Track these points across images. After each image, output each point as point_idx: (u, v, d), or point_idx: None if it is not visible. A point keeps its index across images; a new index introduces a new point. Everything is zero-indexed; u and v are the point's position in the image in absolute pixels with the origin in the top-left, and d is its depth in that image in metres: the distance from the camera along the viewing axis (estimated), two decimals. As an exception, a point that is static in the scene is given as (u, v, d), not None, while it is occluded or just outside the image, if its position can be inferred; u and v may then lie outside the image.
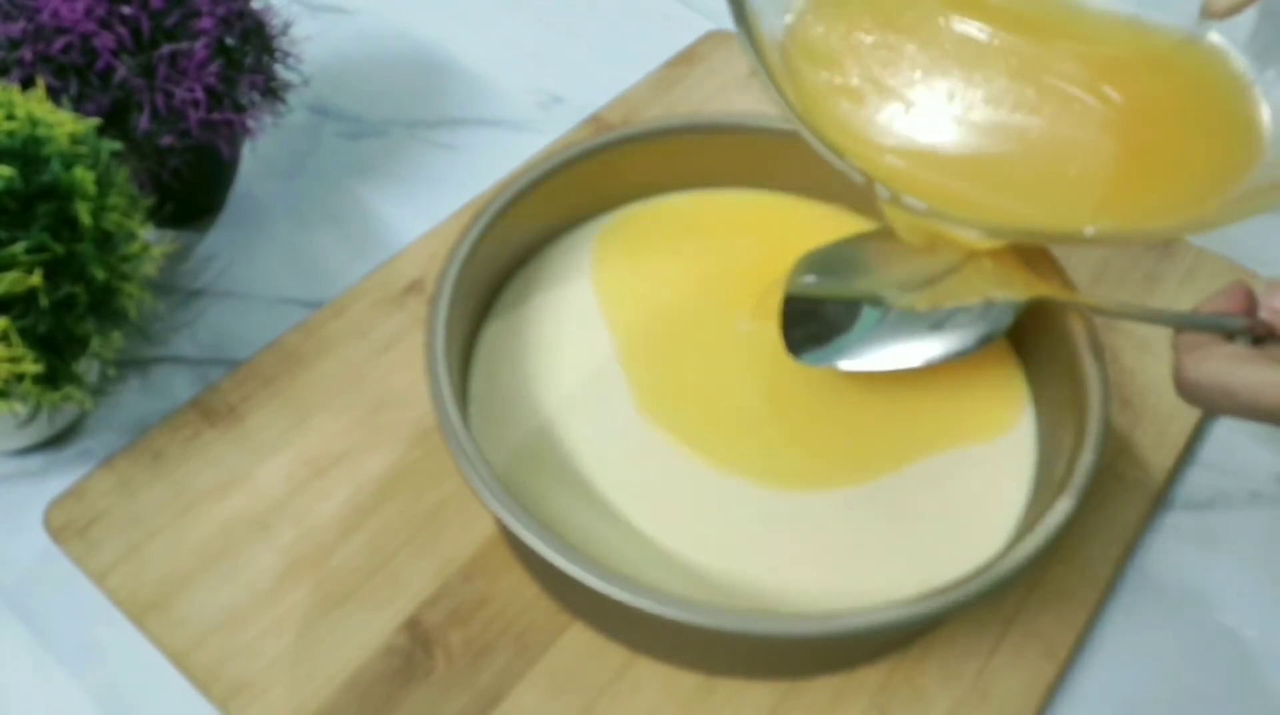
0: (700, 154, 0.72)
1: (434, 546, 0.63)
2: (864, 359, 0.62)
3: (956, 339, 0.61)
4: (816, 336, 0.63)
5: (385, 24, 0.96)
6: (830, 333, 0.63)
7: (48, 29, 0.63)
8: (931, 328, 0.62)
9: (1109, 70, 0.60)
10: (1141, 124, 0.59)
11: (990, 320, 0.61)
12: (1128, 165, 0.58)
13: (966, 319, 0.61)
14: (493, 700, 0.58)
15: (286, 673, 0.58)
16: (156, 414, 0.69)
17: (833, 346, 0.63)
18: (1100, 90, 0.59)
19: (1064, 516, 0.54)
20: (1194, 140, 0.59)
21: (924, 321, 0.62)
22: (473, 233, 0.63)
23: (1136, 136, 0.58)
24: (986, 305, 0.61)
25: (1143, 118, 0.59)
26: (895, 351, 0.62)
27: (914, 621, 0.51)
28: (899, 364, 0.61)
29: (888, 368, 0.62)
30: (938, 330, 0.61)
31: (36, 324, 0.56)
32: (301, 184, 0.83)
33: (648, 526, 0.59)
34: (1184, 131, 0.59)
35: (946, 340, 0.61)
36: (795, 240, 0.68)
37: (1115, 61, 0.60)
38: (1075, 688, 0.61)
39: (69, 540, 0.62)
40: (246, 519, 0.63)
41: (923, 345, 0.61)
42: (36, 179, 0.56)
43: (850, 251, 0.67)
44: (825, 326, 0.64)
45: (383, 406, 0.68)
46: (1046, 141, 0.59)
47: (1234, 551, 0.66)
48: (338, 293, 0.74)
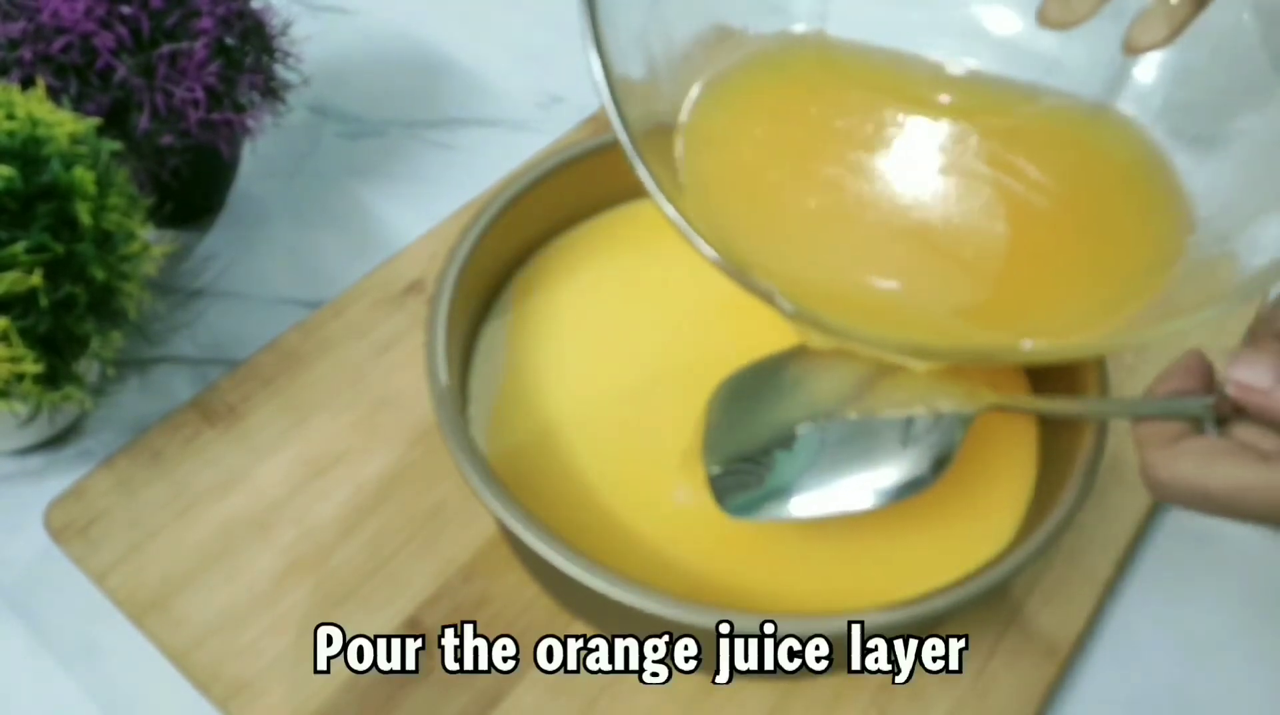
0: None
1: (434, 546, 0.63)
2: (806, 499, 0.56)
3: (909, 465, 0.56)
4: (749, 481, 0.58)
5: (385, 24, 0.96)
6: (764, 473, 0.58)
7: (48, 29, 0.63)
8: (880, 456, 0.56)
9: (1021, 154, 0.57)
10: (1064, 221, 0.55)
11: (941, 437, 0.56)
12: (1053, 270, 0.54)
13: (918, 432, 0.56)
14: (493, 700, 0.58)
15: (286, 673, 0.58)
16: (156, 414, 0.69)
17: (769, 489, 0.57)
18: (1015, 180, 0.56)
19: (1064, 516, 0.54)
20: (1119, 231, 0.55)
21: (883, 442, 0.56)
22: (473, 233, 0.63)
23: (1061, 238, 0.55)
24: (935, 416, 0.56)
25: (1065, 214, 0.55)
26: (840, 488, 0.56)
27: (914, 622, 0.51)
28: (846, 507, 0.56)
29: (836, 512, 0.56)
30: (886, 459, 0.56)
31: (36, 324, 0.56)
32: (301, 184, 0.83)
33: (648, 527, 0.59)
34: (1108, 221, 0.55)
35: (899, 466, 0.56)
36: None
37: (1027, 143, 0.57)
38: (1075, 688, 0.61)
39: (69, 540, 0.62)
40: (246, 519, 0.63)
41: (873, 475, 0.56)
42: (36, 179, 0.56)
43: (768, 375, 0.62)
44: (758, 468, 0.58)
45: (382, 406, 0.68)
46: (959, 245, 0.55)
47: (1234, 551, 0.66)
48: (337, 293, 0.74)
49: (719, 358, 0.64)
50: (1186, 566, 0.65)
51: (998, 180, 0.56)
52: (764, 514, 0.56)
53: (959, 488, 0.60)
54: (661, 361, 0.65)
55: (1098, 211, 0.56)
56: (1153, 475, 0.46)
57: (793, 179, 0.59)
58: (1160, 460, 0.46)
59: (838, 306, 0.53)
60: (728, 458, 0.59)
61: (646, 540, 0.58)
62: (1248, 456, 0.44)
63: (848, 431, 0.57)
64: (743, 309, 0.66)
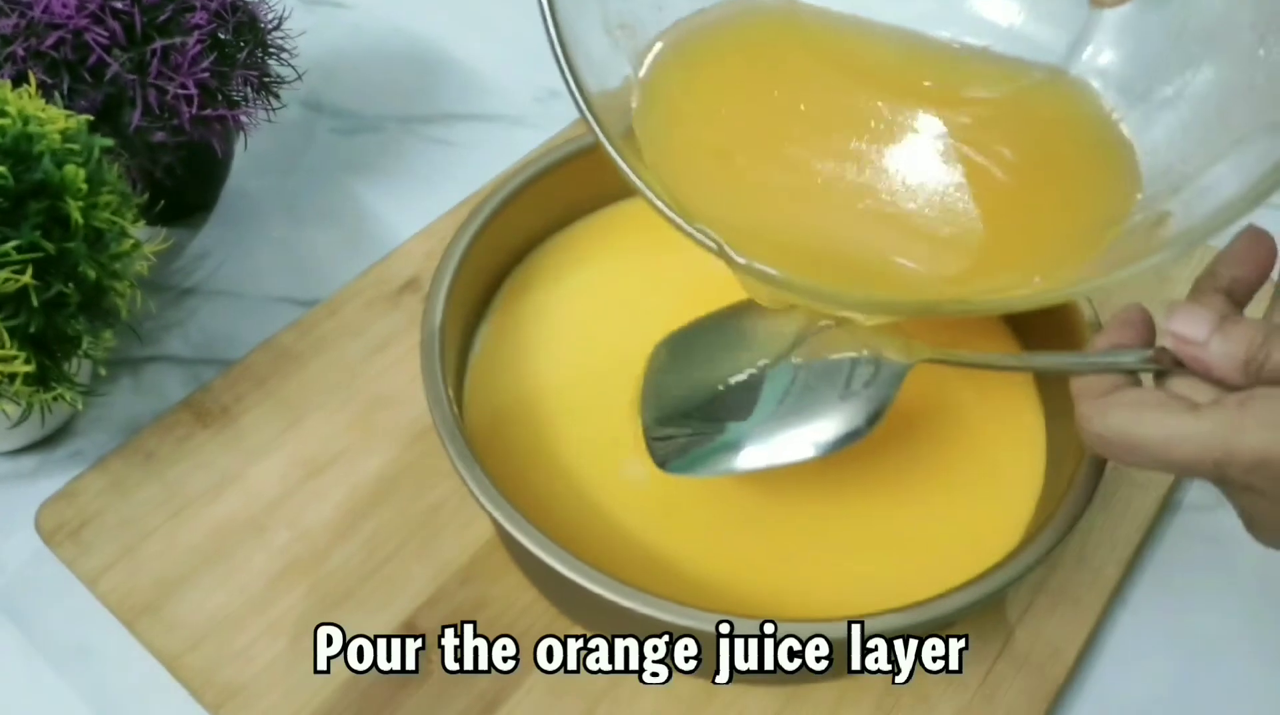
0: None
1: (431, 549, 0.62)
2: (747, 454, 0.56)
3: (846, 418, 0.56)
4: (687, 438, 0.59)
5: (380, 18, 0.96)
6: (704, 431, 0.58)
7: (40, 24, 0.62)
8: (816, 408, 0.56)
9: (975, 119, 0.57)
10: (1014, 176, 0.55)
11: (876, 391, 0.56)
12: (1002, 225, 0.55)
13: (855, 389, 0.56)
14: (491, 705, 0.57)
15: (281, 677, 0.58)
16: (148, 414, 0.68)
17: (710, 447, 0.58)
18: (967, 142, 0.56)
19: (1070, 519, 0.53)
20: (1069, 189, 0.55)
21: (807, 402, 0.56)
22: (469, 230, 0.63)
23: (1006, 194, 0.55)
24: (872, 370, 0.56)
25: (1013, 172, 0.56)
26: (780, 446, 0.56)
27: (920, 626, 0.51)
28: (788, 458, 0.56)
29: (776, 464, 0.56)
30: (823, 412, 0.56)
31: (27, 323, 0.55)
32: (295, 181, 0.83)
33: (646, 528, 0.59)
34: (1058, 179, 0.56)
35: (837, 420, 0.56)
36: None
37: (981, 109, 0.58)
38: (1083, 691, 0.60)
39: (60, 543, 0.61)
40: (240, 521, 0.63)
41: (808, 431, 0.56)
42: (27, 177, 0.55)
43: (708, 333, 0.63)
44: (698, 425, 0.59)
45: (378, 407, 0.68)
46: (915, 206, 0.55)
47: (1242, 553, 0.65)
48: (332, 291, 0.73)
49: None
50: (1195, 568, 0.65)
51: (950, 142, 0.56)
52: (704, 470, 0.57)
53: (965, 488, 0.60)
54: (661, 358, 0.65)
55: (1050, 173, 0.56)
56: (1086, 427, 0.47)
57: (746, 141, 0.58)
58: (1093, 411, 0.46)
59: (785, 260, 0.52)
60: (666, 417, 0.59)
61: (645, 542, 0.58)
62: (1177, 407, 0.44)
63: (786, 389, 0.57)
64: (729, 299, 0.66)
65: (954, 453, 0.62)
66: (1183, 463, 0.43)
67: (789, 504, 0.60)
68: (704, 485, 0.60)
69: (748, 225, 0.54)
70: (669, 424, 0.59)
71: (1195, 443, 0.43)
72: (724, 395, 0.59)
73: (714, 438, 0.57)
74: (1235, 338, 0.44)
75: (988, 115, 0.58)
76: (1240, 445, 0.42)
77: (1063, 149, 0.57)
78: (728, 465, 0.57)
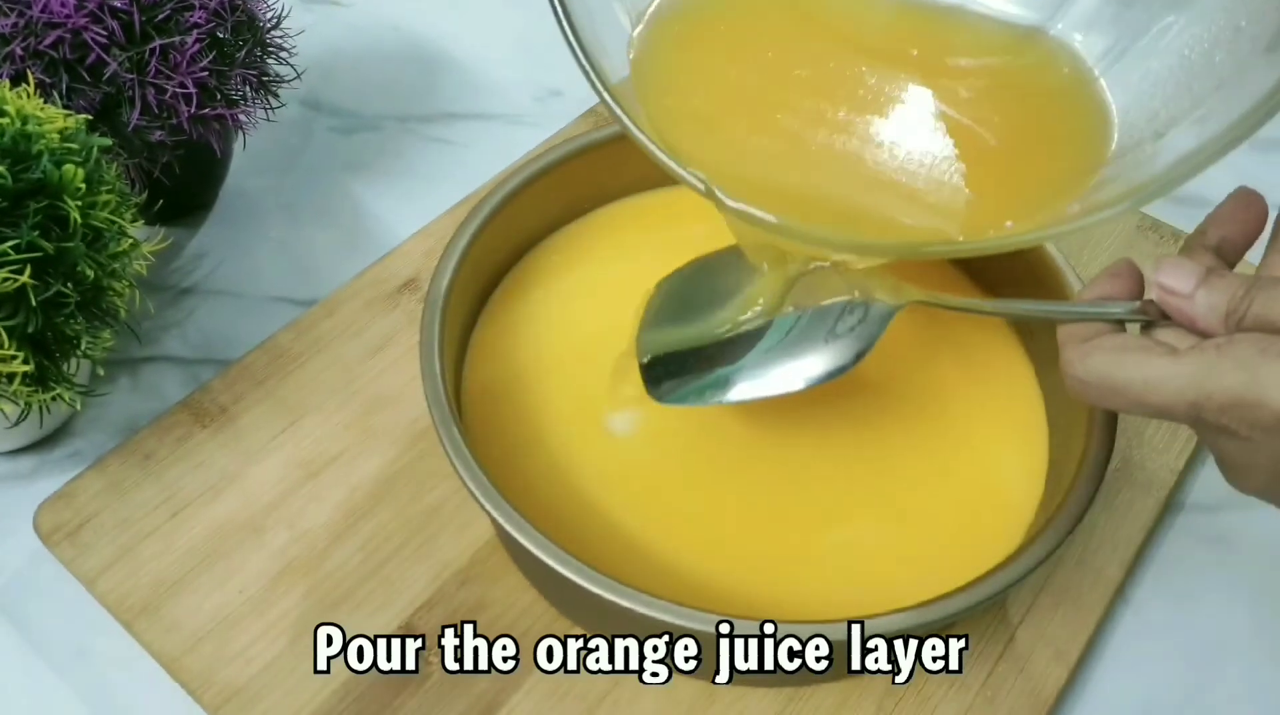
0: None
1: (430, 550, 0.62)
2: (739, 390, 0.59)
3: (833, 354, 0.58)
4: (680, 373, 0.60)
5: (378, 17, 0.96)
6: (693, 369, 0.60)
7: (38, 24, 0.62)
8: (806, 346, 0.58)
9: (959, 80, 0.58)
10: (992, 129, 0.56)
11: (868, 328, 0.58)
12: (979, 173, 0.55)
13: (840, 335, 0.58)
14: (490, 706, 0.57)
15: (279, 678, 0.57)
16: (147, 414, 0.68)
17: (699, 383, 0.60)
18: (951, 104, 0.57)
19: (1073, 519, 0.53)
20: (1046, 142, 0.57)
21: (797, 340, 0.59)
22: (468, 230, 0.63)
23: (988, 143, 0.56)
24: (861, 313, 0.58)
25: (993, 128, 0.56)
26: (770, 379, 0.58)
27: (922, 627, 0.51)
28: (777, 390, 0.58)
29: (766, 395, 0.58)
30: (812, 349, 0.58)
31: (26, 323, 0.55)
32: (294, 180, 0.83)
33: (647, 528, 0.59)
34: (1035, 133, 0.57)
35: (823, 357, 0.58)
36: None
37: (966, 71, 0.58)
38: (1085, 692, 0.60)
39: (59, 543, 0.61)
40: (239, 522, 0.63)
41: (798, 365, 0.58)
42: (26, 176, 0.55)
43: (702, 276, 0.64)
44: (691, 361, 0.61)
45: (377, 407, 0.67)
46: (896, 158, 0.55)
47: (1245, 554, 0.65)
48: (330, 291, 0.73)
49: None
50: (1197, 568, 0.65)
51: (936, 104, 0.57)
52: (696, 401, 0.59)
53: (967, 489, 0.60)
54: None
55: (1029, 129, 0.57)
56: (1068, 371, 0.48)
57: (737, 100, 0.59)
58: (1076, 355, 0.47)
59: (774, 202, 0.53)
60: (660, 354, 0.61)
61: (645, 542, 0.58)
62: (1158, 351, 0.45)
63: (777, 333, 0.59)
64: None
65: (955, 454, 0.62)
66: (1159, 405, 0.44)
67: (790, 504, 0.60)
68: (705, 488, 0.60)
69: (738, 174, 0.55)
70: (663, 363, 0.61)
71: (1172, 385, 0.43)
72: (718, 338, 0.60)
73: (706, 375, 0.59)
74: (1219, 289, 0.45)
75: (972, 75, 0.59)
76: (1215, 386, 0.42)
77: (1042, 106, 0.58)
78: (718, 397, 0.58)
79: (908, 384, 0.64)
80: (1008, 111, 0.57)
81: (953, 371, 0.64)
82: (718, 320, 0.61)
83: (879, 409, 0.63)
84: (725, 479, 0.61)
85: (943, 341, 0.65)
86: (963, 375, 0.64)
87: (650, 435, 0.62)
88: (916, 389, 0.64)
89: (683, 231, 0.70)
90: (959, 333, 0.66)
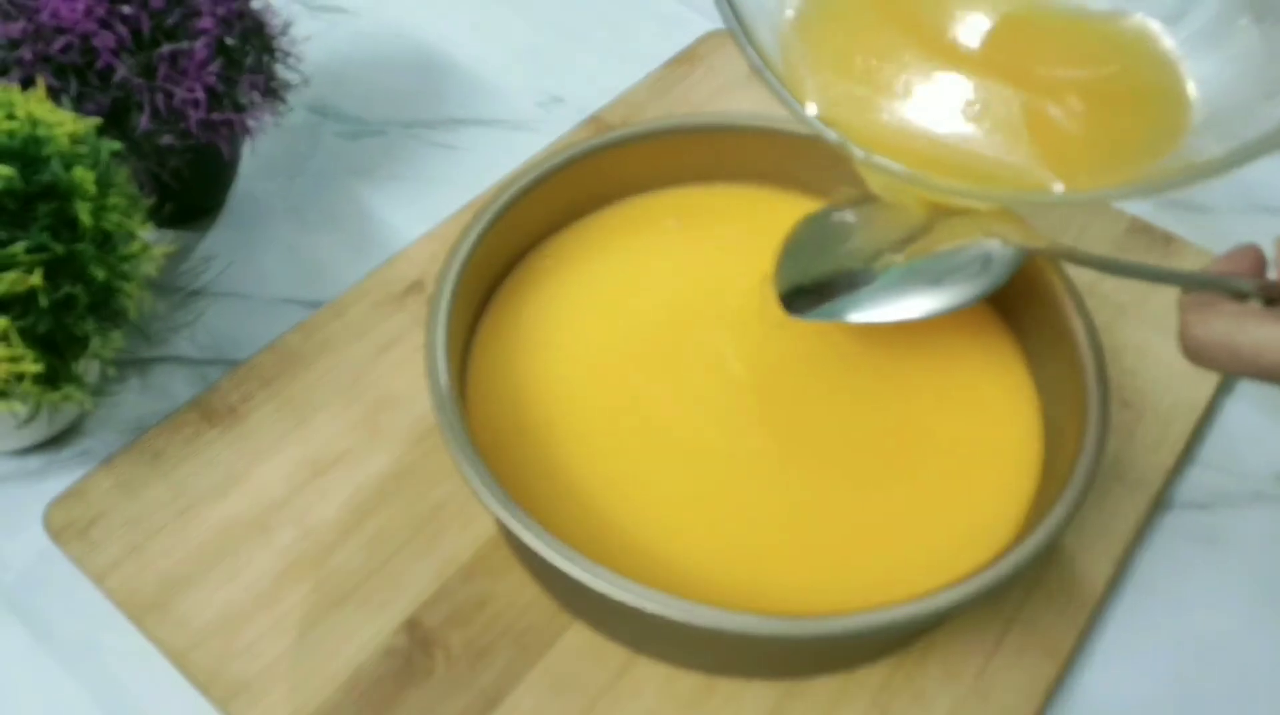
0: (700, 150, 0.72)
1: (434, 547, 0.63)
2: (866, 313, 0.62)
3: (956, 293, 0.61)
4: (815, 301, 0.64)
5: (385, 24, 0.96)
6: (827, 297, 0.64)
7: (48, 29, 0.63)
8: (930, 284, 0.62)
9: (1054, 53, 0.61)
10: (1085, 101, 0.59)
11: (990, 275, 0.61)
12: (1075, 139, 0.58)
13: (964, 277, 0.61)
14: (492, 701, 0.58)
15: (286, 673, 0.58)
16: (156, 414, 0.69)
17: (833, 305, 0.63)
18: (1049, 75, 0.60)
19: (1065, 516, 0.54)
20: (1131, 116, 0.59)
21: (923, 278, 0.62)
22: (473, 233, 0.63)
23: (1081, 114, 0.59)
24: (984, 261, 0.61)
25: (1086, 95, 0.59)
26: (896, 307, 0.62)
27: (914, 622, 0.51)
28: (900, 316, 0.62)
29: (890, 320, 0.62)
30: (936, 286, 0.62)
31: (36, 324, 0.56)
32: (301, 184, 0.83)
33: (649, 525, 0.59)
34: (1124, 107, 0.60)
35: (945, 295, 0.61)
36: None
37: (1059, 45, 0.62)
38: (1076, 688, 0.61)
39: (69, 541, 0.62)
40: (246, 519, 0.63)
41: (922, 300, 0.62)
42: (36, 179, 0.56)
43: (829, 224, 0.67)
44: (820, 296, 0.64)
45: (382, 407, 0.68)
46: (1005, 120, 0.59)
47: (1235, 552, 0.66)
48: (338, 293, 0.74)
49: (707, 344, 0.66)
50: (1187, 566, 0.65)
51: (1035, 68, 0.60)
52: (825, 317, 0.63)
53: (961, 487, 0.61)
54: (653, 349, 0.66)
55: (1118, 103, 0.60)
56: (1188, 333, 0.51)
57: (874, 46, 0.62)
58: (1196, 320, 0.51)
59: (906, 156, 0.57)
60: (797, 281, 0.65)
61: (645, 540, 0.58)
62: (1274, 318, 0.48)
63: (902, 270, 0.63)
64: (733, 297, 0.67)
65: (949, 451, 0.62)
66: (1271, 366, 0.48)
67: (784, 498, 0.60)
68: (706, 485, 0.61)
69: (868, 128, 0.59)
70: (799, 288, 0.64)
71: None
72: (848, 270, 0.64)
73: (837, 298, 0.63)
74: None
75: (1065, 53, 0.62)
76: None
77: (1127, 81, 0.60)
78: (845, 316, 0.62)
79: (905, 382, 0.64)
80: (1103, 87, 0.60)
81: (949, 369, 0.64)
82: (850, 253, 0.64)
83: (876, 406, 0.64)
84: (726, 477, 0.61)
85: (940, 340, 0.66)
86: (959, 373, 0.64)
87: (652, 434, 0.62)
88: (912, 386, 0.64)
89: (684, 230, 0.71)
90: (956, 331, 0.66)
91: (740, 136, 0.72)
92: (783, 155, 0.71)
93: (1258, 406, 0.72)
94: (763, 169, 0.73)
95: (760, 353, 0.65)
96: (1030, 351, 0.65)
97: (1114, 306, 0.74)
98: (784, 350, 0.65)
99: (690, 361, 0.65)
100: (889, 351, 0.65)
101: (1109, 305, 0.74)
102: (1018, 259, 0.61)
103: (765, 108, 0.67)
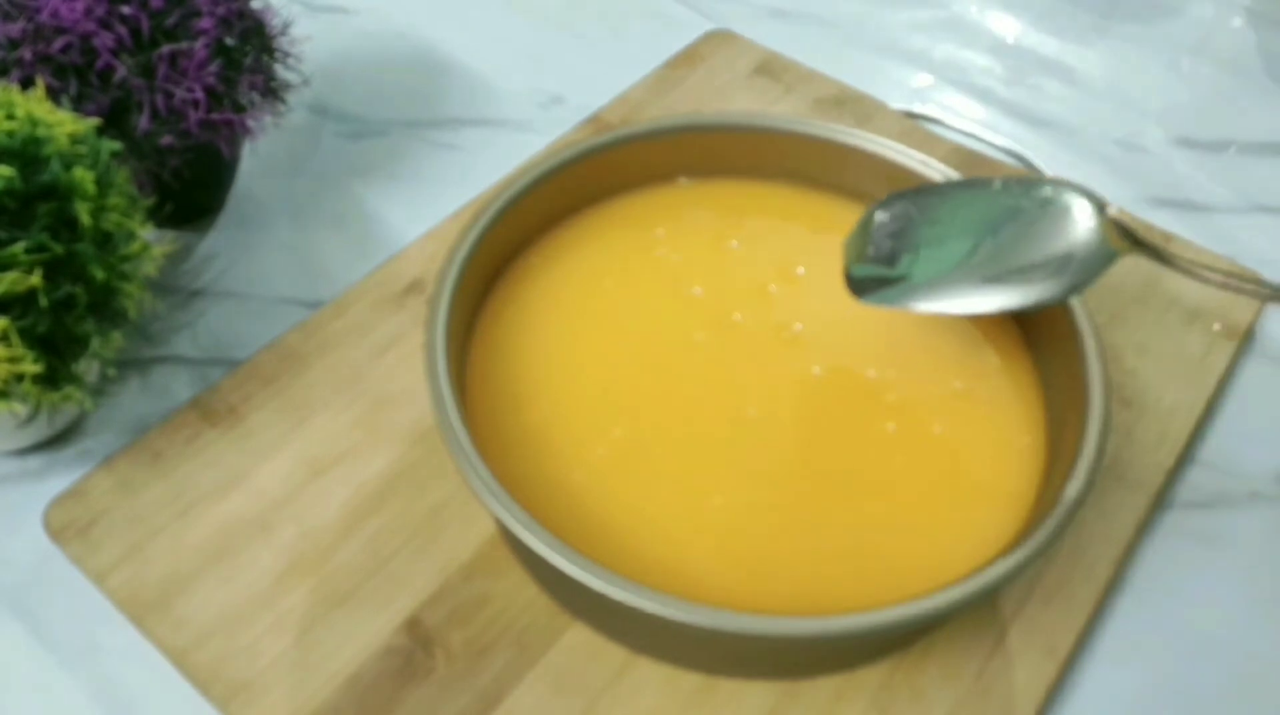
0: (700, 148, 0.72)
1: (434, 546, 0.63)
2: (934, 303, 0.62)
3: (1032, 291, 0.61)
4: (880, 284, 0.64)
5: (385, 24, 0.96)
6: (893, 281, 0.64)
7: (47, 29, 0.63)
8: (1004, 278, 0.62)
9: None
10: None
11: (1070, 275, 0.60)
12: None
13: (1041, 274, 0.61)
14: (493, 701, 0.58)
15: (286, 673, 0.58)
16: (156, 414, 0.69)
17: (899, 290, 0.63)
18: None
19: (1065, 517, 0.54)
20: None
21: (997, 272, 0.62)
22: (472, 233, 0.63)
23: None
24: (1063, 260, 0.61)
25: None
26: (966, 299, 0.62)
27: (914, 622, 0.51)
28: (969, 309, 0.62)
29: (958, 312, 0.62)
30: (1010, 281, 0.61)
31: (36, 324, 0.56)
32: (302, 184, 0.83)
33: (649, 525, 0.59)
34: None
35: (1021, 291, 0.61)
36: (791, 231, 0.70)
37: None
38: (1076, 687, 0.61)
39: (69, 541, 0.62)
40: (246, 519, 0.63)
41: (995, 296, 0.62)
42: (36, 179, 0.56)
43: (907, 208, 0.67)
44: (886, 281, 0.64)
45: (383, 406, 0.68)
46: None
47: (1234, 551, 0.66)
48: (338, 293, 0.74)
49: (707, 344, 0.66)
50: (1187, 566, 0.65)
51: None
52: (889, 304, 0.63)
53: (961, 487, 0.61)
54: (652, 348, 0.66)
55: None
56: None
57: None
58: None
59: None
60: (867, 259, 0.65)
61: (645, 539, 0.58)
62: None
63: (988, 257, 0.62)
64: (729, 296, 0.67)
65: (949, 451, 0.62)
66: None
67: (784, 497, 0.60)
68: (706, 485, 0.61)
69: None
70: (868, 265, 0.64)
71: None
72: (922, 256, 0.64)
73: (906, 283, 0.63)
74: None
75: None
76: None
77: None
78: (909, 304, 0.62)
79: (905, 382, 0.64)
80: None
81: (949, 369, 0.64)
82: (925, 239, 0.64)
83: (877, 406, 0.64)
84: (725, 476, 0.61)
85: (941, 340, 0.66)
86: (959, 373, 0.64)
87: (652, 434, 0.62)
88: (913, 386, 0.64)
89: (684, 227, 0.71)
90: (956, 331, 0.66)
91: (740, 136, 0.72)
92: (784, 154, 0.71)
93: (1258, 406, 0.72)
94: (763, 168, 0.73)
95: (760, 352, 0.65)
96: (1030, 351, 0.65)
97: (1114, 306, 0.74)
98: (784, 350, 0.65)
99: (690, 361, 0.65)
100: (890, 351, 0.65)
101: (1109, 305, 0.74)
102: (1102, 261, 0.60)
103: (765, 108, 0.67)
